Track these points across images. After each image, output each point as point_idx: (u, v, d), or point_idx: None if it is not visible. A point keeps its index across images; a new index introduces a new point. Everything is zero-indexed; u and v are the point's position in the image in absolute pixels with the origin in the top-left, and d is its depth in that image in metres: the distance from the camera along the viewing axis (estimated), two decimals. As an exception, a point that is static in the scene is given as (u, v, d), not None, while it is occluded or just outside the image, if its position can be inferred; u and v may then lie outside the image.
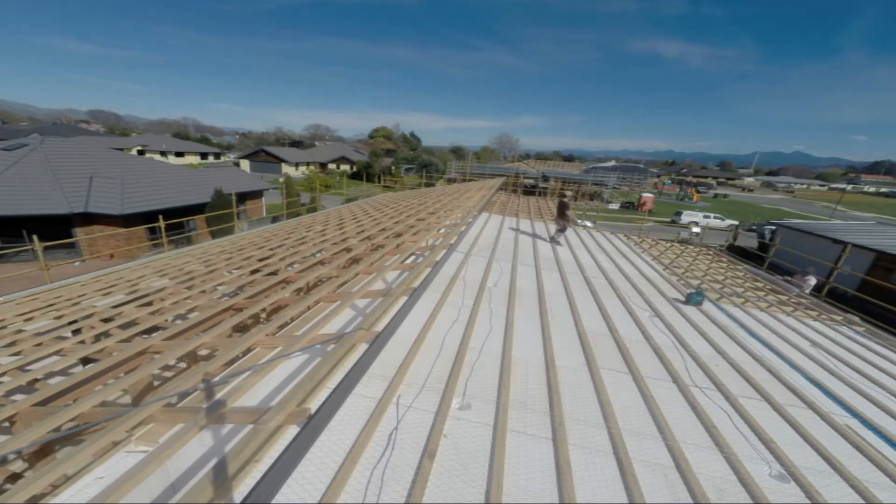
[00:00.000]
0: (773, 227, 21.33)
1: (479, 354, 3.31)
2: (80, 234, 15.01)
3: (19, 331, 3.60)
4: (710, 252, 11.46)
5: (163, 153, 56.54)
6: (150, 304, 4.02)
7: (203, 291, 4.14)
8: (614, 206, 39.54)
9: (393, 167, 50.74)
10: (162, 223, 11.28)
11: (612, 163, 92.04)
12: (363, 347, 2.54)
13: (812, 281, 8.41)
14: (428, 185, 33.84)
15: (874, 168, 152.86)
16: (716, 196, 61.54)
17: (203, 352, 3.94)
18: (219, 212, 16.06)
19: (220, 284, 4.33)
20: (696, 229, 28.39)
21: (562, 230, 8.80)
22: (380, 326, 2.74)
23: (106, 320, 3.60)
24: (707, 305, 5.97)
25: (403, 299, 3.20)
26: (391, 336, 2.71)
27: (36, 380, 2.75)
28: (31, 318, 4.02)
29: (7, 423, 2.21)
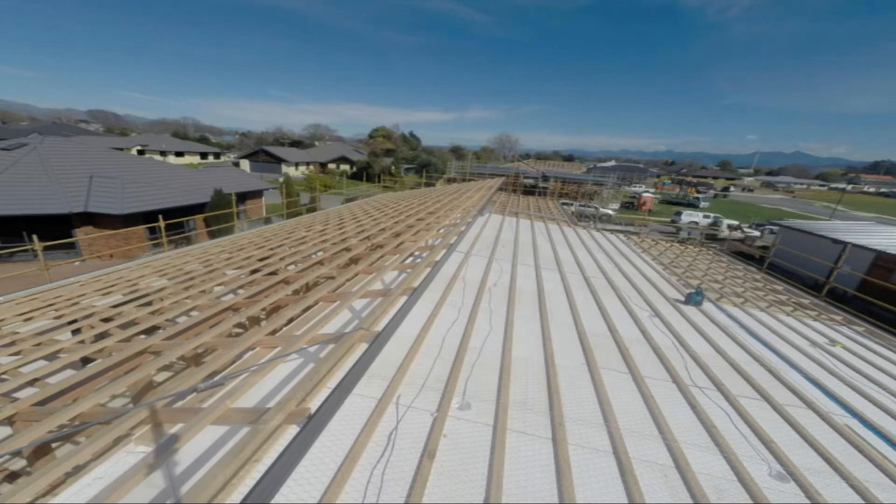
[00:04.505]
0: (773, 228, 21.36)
1: (479, 354, 3.31)
2: (80, 234, 14.99)
3: (18, 331, 3.60)
4: (710, 252, 11.46)
5: (162, 153, 56.48)
6: (149, 304, 4.01)
7: (203, 291, 4.14)
8: (614, 205, 39.54)
9: (393, 167, 50.73)
10: (162, 223, 11.27)
11: (612, 163, 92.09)
12: (363, 347, 2.54)
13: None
14: (428, 185, 33.83)
15: (874, 168, 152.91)
16: (715, 196, 61.58)
17: (203, 352, 3.94)
18: (218, 212, 16.05)
19: (219, 284, 4.33)
20: (693, 219, 28.61)
21: None
22: (379, 326, 2.74)
23: (106, 320, 3.60)
24: (707, 305, 5.97)
25: (403, 299, 3.20)
26: (391, 336, 2.71)
27: (36, 380, 2.75)
28: (30, 318, 4.02)
29: (7, 423, 2.21)
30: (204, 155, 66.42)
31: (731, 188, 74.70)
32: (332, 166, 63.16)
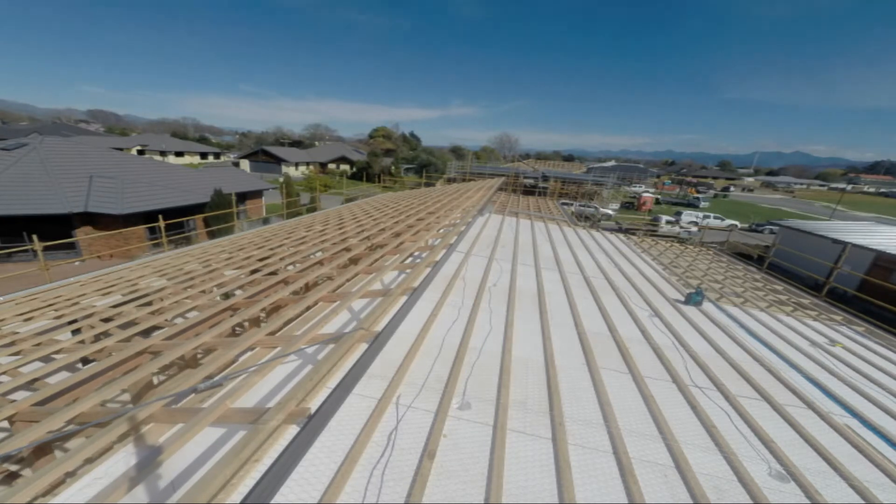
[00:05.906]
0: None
1: (479, 354, 3.31)
2: (80, 234, 15.00)
3: (18, 331, 3.60)
4: (710, 252, 11.47)
5: (162, 153, 56.49)
6: (149, 304, 4.01)
7: (202, 291, 4.14)
8: (614, 205, 39.53)
9: (393, 167, 50.74)
10: (162, 223, 11.28)
11: (612, 163, 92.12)
12: (363, 347, 2.54)
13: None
14: (428, 185, 33.83)
15: (874, 168, 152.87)
16: (715, 196, 61.62)
17: (203, 352, 3.94)
18: (218, 212, 16.06)
19: (219, 284, 4.33)
20: (692, 227, 28.75)
21: None
22: (379, 326, 2.73)
23: (106, 320, 3.60)
24: (707, 305, 5.97)
25: (403, 299, 3.20)
26: (391, 336, 2.71)
27: (36, 380, 2.75)
28: (30, 318, 4.02)
29: (7, 423, 2.21)
30: (204, 155, 66.45)
31: (731, 188, 75.14)
32: (331, 166, 63.15)
